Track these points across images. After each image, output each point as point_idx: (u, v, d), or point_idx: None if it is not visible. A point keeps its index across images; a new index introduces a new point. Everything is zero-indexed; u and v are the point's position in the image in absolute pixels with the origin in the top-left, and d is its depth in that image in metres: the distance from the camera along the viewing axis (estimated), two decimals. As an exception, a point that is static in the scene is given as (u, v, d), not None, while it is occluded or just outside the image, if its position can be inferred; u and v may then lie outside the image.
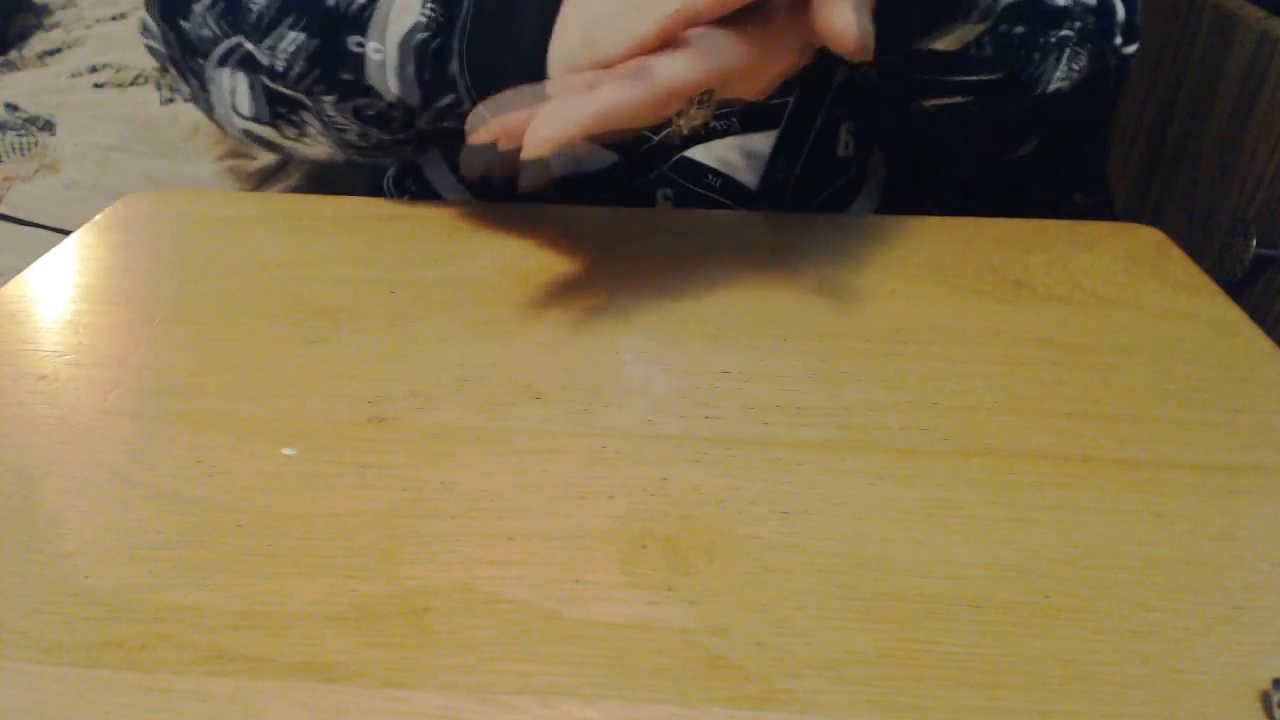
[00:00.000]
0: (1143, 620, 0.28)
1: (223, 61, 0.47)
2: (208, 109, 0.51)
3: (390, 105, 0.46)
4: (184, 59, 0.49)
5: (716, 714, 0.25)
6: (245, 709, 0.25)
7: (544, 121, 0.33)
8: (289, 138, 0.50)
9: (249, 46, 0.46)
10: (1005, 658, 0.27)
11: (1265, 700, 0.25)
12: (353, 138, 0.49)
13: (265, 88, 0.47)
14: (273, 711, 0.25)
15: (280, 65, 0.45)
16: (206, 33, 0.47)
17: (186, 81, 0.50)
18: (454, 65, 0.42)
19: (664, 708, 0.25)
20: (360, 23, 0.44)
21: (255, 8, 0.45)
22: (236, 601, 0.28)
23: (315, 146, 0.50)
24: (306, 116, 0.48)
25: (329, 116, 0.47)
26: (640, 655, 0.27)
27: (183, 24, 0.47)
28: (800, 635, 0.27)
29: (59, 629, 0.28)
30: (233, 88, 0.48)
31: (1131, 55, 0.54)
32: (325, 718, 0.25)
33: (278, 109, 0.48)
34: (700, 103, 0.36)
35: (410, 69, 0.44)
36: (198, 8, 0.46)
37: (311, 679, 0.26)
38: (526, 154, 0.33)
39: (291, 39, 0.45)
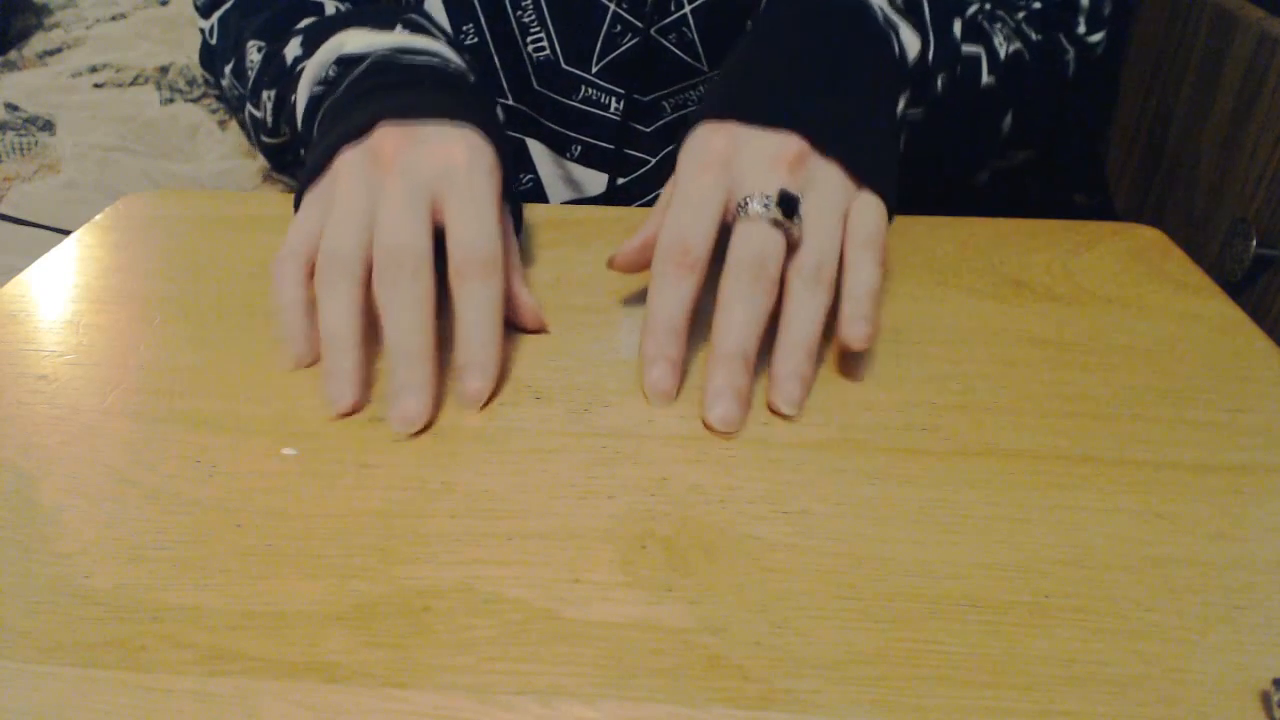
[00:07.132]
0: (1143, 620, 0.28)
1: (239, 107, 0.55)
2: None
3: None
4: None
5: (716, 714, 0.25)
6: (245, 709, 0.25)
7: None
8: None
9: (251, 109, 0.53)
10: (1005, 658, 0.27)
11: (1265, 700, 0.25)
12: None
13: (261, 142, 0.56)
14: (273, 711, 0.25)
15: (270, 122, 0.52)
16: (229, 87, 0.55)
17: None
18: (320, 114, 0.45)
19: (664, 708, 0.25)
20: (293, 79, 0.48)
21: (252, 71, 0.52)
22: (236, 601, 0.28)
23: None
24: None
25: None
26: (640, 655, 0.27)
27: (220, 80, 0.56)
28: (800, 635, 0.27)
29: (59, 629, 0.28)
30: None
31: (1097, 44, 0.53)
32: (325, 718, 0.25)
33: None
34: None
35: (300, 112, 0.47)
36: (226, 69, 0.55)
37: (311, 679, 0.26)
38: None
39: (266, 102, 0.51)
